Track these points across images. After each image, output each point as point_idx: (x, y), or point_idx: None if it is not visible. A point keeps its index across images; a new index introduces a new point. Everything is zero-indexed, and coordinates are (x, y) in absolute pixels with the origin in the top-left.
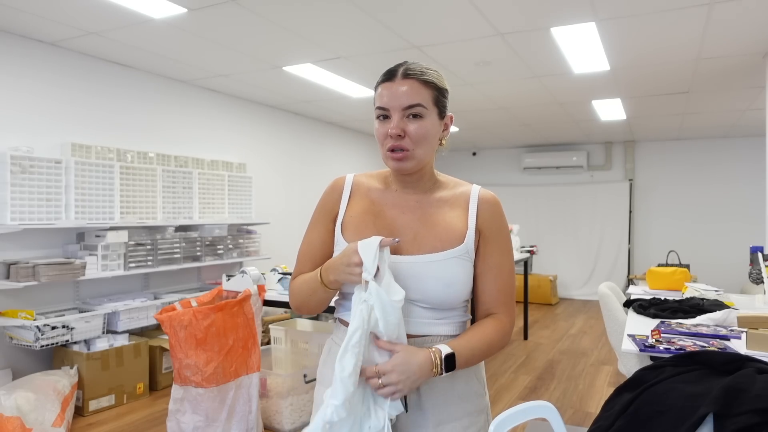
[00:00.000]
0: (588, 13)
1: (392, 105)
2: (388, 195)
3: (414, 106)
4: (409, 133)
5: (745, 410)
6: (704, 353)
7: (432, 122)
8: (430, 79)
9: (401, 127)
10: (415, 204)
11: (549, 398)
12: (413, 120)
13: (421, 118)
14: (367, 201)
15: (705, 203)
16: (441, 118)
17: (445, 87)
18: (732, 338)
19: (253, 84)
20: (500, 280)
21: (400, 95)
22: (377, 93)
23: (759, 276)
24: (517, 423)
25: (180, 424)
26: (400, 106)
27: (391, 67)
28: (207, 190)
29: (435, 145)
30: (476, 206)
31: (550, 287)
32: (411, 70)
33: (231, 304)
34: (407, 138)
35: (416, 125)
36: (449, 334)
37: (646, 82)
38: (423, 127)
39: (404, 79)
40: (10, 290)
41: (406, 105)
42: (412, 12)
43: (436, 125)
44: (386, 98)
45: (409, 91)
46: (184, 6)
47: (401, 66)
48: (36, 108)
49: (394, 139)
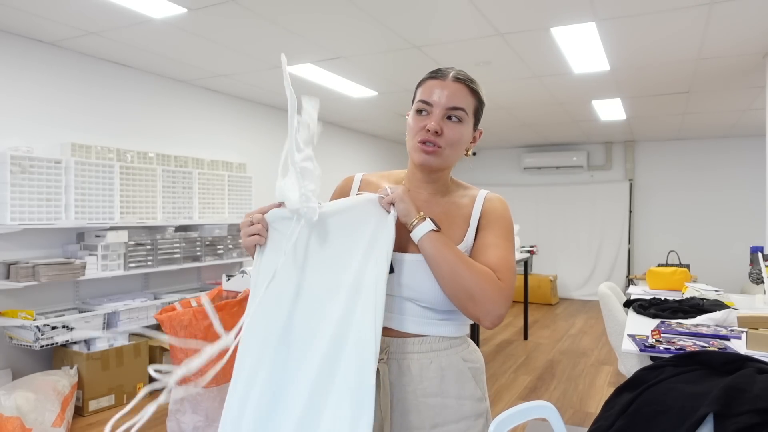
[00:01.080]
0: (588, 13)
1: (437, 102)
2: None
3: (457, 109)
4: (445, 133)
5: (745, 410)
6: (704, 353)
7: (467, 129)
8: (477, 89)
9: (440, 125)
10: (423, 204)
11: (549, 398)
12: (452, 122)
13: (459, 122)
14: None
15: (705, 203)
16: (474, 129)
17: (484, 101)
18: (732, 338)
19: (253, 84)
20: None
21: (448, 95)
22: (422, 86)
23: (759, 276)
24: (517, 423)
25: (180, 424)
26: (444, 105)
27: (441, 68)
28: (207, 190)
29: (462, 153)
30: (481, 206)
31: (550, 287)
32: (462, 75)
33: (231, 304)
34: (442, 137)
35: (454, 128)
36: (449, 336)
37: (646, 82)
38: (459, 132)
39: (454, 82)
40: (10, 290)
41: (451, 106)
42: (412, 12)
43: (469, 134)
44: (433, 94)
45: (457, 93)
46: (184, 6)
47: (452, 69)
48: (36, 108)
49: (429, 134)
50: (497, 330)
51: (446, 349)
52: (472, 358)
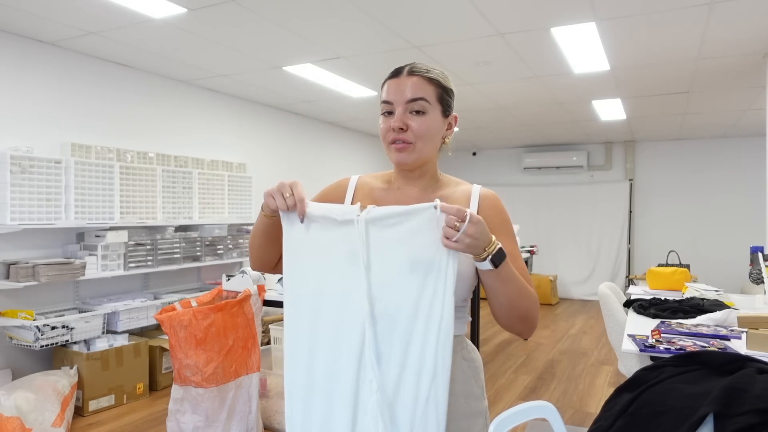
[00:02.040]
0: (588, 13)
1: (396, 99)
2: (390, 193)
3: (417, 100)
4: (411, 127)
5: (746, 410)
6: (704, 353)
7: (434, 118)
8: (434, 77)
9: (404, 121)
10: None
11: (549, 398)
12: (416, 115)
13: (423, 113)
14: (369, 199)
15: (705, 203)
16: (445, 117)
17: (449, 87)
18: (732, 338)
19: (253, 84)
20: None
21: (404, 89)
22: (383, 89)
23: (759, 276)
24: (517, 423)
25: (180, 424)
26: (403, 100)
27: (398, 66)
28: (207, 190)
29: (438, 143)
30: (477, 203)
31: (550, 287)
32: (416, 67)
33: (231, 304)
34: (409, 132)
35: (419, 120)
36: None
37: (646, 82)
38: (425, 123)
39: (409, 76)
40: (10, 290)
41: (409, 98)
42: (412, 12)
43: (439, 122)
44: (390, 93)
45: (412, 85)
46: (184, 6)
47: (408, 65)
48: (36, 108)
49: (396, 132)
50: (497, 330)
51: None
52: (472, 357)
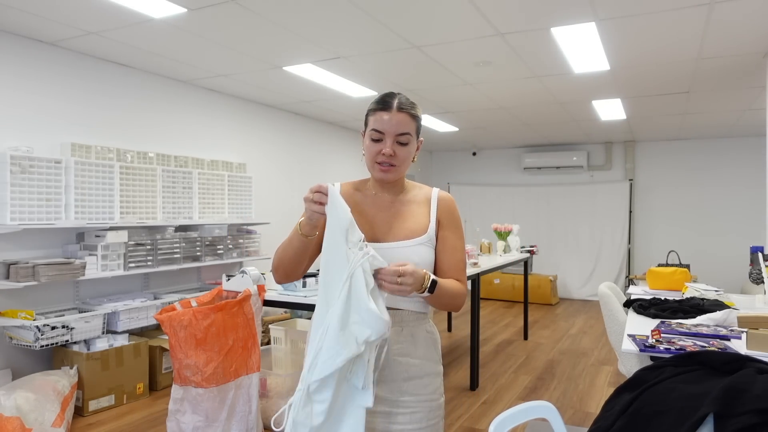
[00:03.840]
0: (588, 13)
1: (388, 131)
2: (367, 198)
3: (404, 134)
4: (397, 154)
5: (746, 410)
6: (704, 353)
7: (413, 146)
8: (416, 113)
9: (393, 150)
10: (389, 204)
11: (549, 398)
12: (401, 146)
13: (407, 144)
14: (351, 203)
15: (705, 203)
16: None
17: (421, 116)
18: (732, 338)
19: (253, 84)
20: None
21: (395, 125)
22: (373, 117)
23: (759, 276)
24: (517, 423)
25: (180, 424)
26: (394, 133)
27: (384, 97)
28: (207, 190)
29: (410, 163)
30: (436, 203)
31: (550, 287)
32: (404, 105)
33: (231, 304)
34: (396, 158)
35: (404, 149)
36: (417, 310)
37: (646, 82)
38: (408, 151)
39: (399, 112)
40: (10, 290)
41: (399, 133)
42: (412, 12)
43: (414, 147)
44: (383, 124)
45: (403, 122)
46: (184, 6)
47: (394, 98)
48: (36, 108)
49: (386, 157)
50: (497, 330)
51: (414, 321)
52: (432, 330)
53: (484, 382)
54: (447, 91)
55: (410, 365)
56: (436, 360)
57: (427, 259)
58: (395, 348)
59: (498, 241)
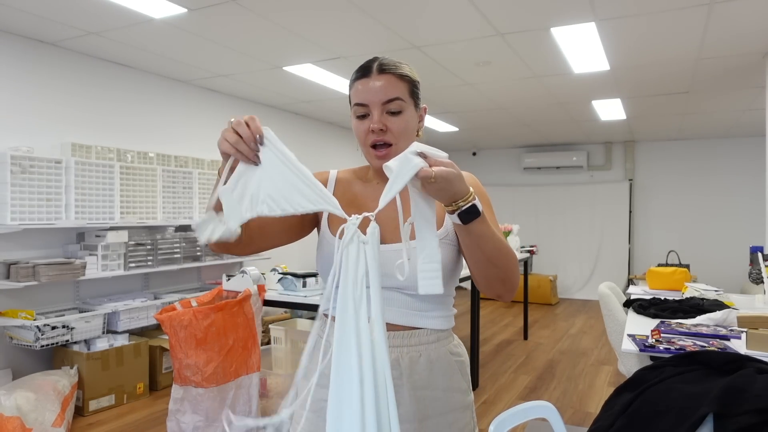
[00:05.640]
0: (588, 13)
1: (371, 100)
2: (369, 189)
3: (393, 100)
4: (390, 128)
5: (745, 410)
6: (704, 353)
7: (410, 115)
8: (405, 73)
9: (383, 122)
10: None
11: (549, 398)
12: (393, 115)
13: (400, 113)
14: (350, 195)
15: (705, 203)
16: (416, 110)
17: (417, 79)
18: (732, 338)
19: (253, 84)
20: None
21: (378, 90)
22: (353, 90)
23: (759, 276)
24: (517, 423)
25: (180, 424)
26: (378, 101)
27: (363, 64)
28: (207, 190)
29: (413, 136)
30: None
31: (550, 287)
32: (385, 64)
33: (231, 304)
34: (389, 133)
35: (397, 120)
36: (437, 329)
37: (646, 82)
38: (403, 121)
39: (380, 74)
40: (10, 290)
41: (386, 99)
42: (412, 12)
43: (414, 117)
44: (364, 94)
45: (386, 85)
46: (184, 6)
47: (374, 61)
48: (36, 108)
49: (376, 134)
50: (497, 330)
51: (434, 342)
52: (458, 351)
53: (484, 381)
54: (447, 91)
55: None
56: (464, 389)
57: (448, 259)
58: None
59: None
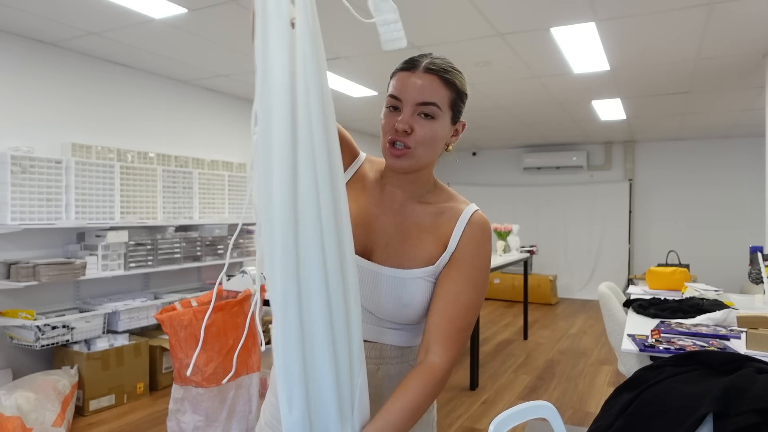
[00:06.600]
0: (588, 13)
1: (405, 97)
2: (377, 190)
3: (428, 104)
4: (416, 131)
5: (745, 410)
6: (704, 353)
7: (443, 125)
8: (452, 79)
9: (410, 124)
10: (399, 208)
11: (549, 398)
12: (424, 119)
13: (432, 119)
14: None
15: (705, 203)
16: (453, 123)
17: (465, 91)
18: (732, 338)
19: (253, 84)
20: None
21: (417, 89)
22: (394, 78)
23: (759, 276)
24: (517, 423)
25: (180, 424)
26: (413, 101)
27: (415, 56)
28: (207, 190)
29: (439, 150)
30: (463, 228)
31: (550, 287)
32: (434, 64)
33: (231, 304)
34: (413, 136)
35: (426, 126)
36: (400, 345)
37: (646, 82)
38: (432, 129)
39: (425, 73)
40: (11, 290)
41: (421, 101)
42: (412, 12)
43: (446, 129)
44: (401, 88)
45: (426, 87)
46: (184, 6)
47: (425, 57)
48: (36, 108)
49: (399, 134)
50: (497, 330)
51: (396, 357)
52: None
53: (484, 381)
54: None
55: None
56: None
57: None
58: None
59: (498, 240)
